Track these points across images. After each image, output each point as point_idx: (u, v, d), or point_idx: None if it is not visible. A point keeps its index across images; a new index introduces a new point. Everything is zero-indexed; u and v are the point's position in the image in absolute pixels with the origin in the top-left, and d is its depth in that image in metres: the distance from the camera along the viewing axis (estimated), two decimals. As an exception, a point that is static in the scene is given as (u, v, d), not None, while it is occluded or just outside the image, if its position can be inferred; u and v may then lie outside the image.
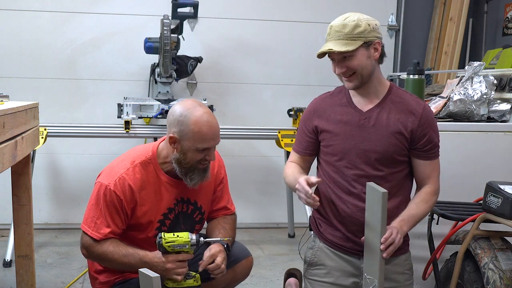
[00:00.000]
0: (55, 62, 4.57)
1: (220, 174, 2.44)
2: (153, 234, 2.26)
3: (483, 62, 3.08)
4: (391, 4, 5.01)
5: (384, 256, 1.99)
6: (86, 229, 2.20)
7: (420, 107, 2.16)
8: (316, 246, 2.28)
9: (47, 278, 3.50)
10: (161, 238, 2.12)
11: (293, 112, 4.39)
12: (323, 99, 2.29)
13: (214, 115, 4.05)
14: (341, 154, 2.18)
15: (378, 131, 2.15)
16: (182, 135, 2.14)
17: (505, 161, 2.81)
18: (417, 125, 2.14)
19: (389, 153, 2.15)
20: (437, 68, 4.99)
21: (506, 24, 4.86)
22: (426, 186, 2.20)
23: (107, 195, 2.16)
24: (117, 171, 2.20)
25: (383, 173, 2.15)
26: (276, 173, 4.81)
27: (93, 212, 2.19)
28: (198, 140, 2.13)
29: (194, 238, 2.12)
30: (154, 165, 2.25)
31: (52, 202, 4.68)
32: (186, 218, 2.34)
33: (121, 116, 3.96)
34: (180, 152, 2.17)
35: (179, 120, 2.14)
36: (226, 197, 2.48)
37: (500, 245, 2.31)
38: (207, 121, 2.14)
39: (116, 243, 2.19)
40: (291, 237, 4.55)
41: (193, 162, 2.18)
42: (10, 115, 2.01)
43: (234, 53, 4.82)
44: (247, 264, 2.42)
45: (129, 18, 4.63)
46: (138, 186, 2.19)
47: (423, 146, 2.16)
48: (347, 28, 2.08)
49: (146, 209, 2.23)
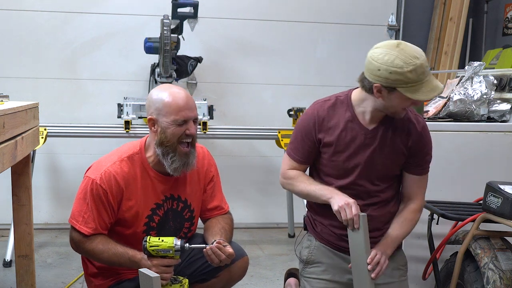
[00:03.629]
0: (55, 62, 4.57)
1: (210, 172, 2.43)
2: (141, 230, 2.26)
3: (483, 62, 3.08)
4: (391, 4, 5.00)
5: (373, 277, 2.06)
6: (74, 223, 2.22)
7: (420, 126, 2.19)
8: (313, 245, 2.29)
9: (47, 278, 3.50)
10: (146, 241, 2.11)
11: (293, 112, 4.39)
12: (326, 109, 2.20)
13: (214, 115, 4.12)
14: (342, 171, 2.18)
15: (382, 151, 2.16)
16: (158, 112, 2.17)
17: (505, 161, 2.81)
18: (416, 143, 2.18)
19: (390, 170, 2.19)
20: (437, 68, 4.99)
21: (506, 24, 4.86)
22: (411, 203, 2.24)
23: (93, 189, 2.18)
24: (104, 165, 2.22)
25: (380, 187, 2.20)
26: (276, 173, 4.75)
27: (80, 206, 2.21)
28: (174, 112, 2.14)
29: (178, 244, 2.10)
30: (142, 159, 2.26)
31: (52, 202, 4.68)
32: (176, 216, 2.33)
33: (121, 116, 3.96)
34: (161, 132, 2.17)
35: (154, 99, 2.19)
36: (219, 196, 2.47)
37: (500, 245, 2.31)
38: (179, 92, 2.18)
39: (105, 241, 2.20)
40: (291, 237, 4.54)
41: (174, 139, 2.17)
42: (10, 115, 2.01)
43: (234, 53, 4.82)
44: (243, 264, 2.40)
45: (129, 18, 4.62)
46: (124, 180, 2.20)
47: (417, 163, 2.21)
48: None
49: (132, 203, 2.23)
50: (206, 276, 2.34)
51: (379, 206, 2.21)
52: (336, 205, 2.06)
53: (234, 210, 2.71)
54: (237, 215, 2.57)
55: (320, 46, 4.93)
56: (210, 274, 2.34)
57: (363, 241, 2.05)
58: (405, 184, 2.26)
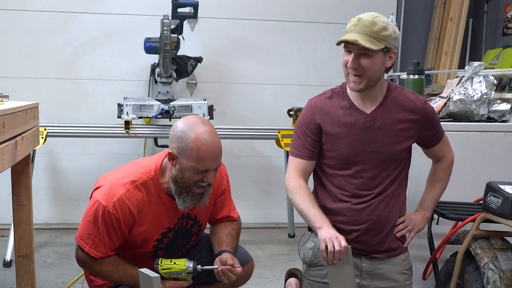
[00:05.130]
0: (55, 62, 4.57)
1: (222, 186, 2.36)
2: (149, 250, 2.24)
3: (483, 62, 3.07)
4: (391, 4, 5.01)
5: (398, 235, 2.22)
6: (83, 245, 2.15)
7: (421, 102, 2.21)
8: (317, 247, 2.27)
9: (47, 278, 3.50)
10: (158, 264, 2.11)
11: (293, 112, 4.39)
12: (322, 100, 2.22)
13: (214, 115, 4.12)
14: (346, 159, 2.16)
15: (385, 131, 2.15)
16: (180, 152, 2.05)
17: (505, 161, 2.81)
18: (422, 116, 2.19)
19: (396, 152, 2.17)
20: (437, 68, 4.99)
21: (506, 24, 4.86)
22: (441, 163, 2.36)
23: (105, 215, 2.09)
24: (117, 192, 2.11)
25: (390, 172, 2.18)
26: (276, 173, 4.81)
27: (90, 229, 2.13)
28: (196, 160, 2.03)
29: (191, 266, 2.10)
30: (156, 185, 2.16)
31: (52, 202, 4.68)
32: (184, 232, 2.31)
33: (121, 116, 3.96)
34: (178, 170, 2.07)
35: (179, 136, 2.05)
36: (228, 206, 2.42)
37: (500, 245, 2.31)
38: (207, 140, 2.03)
39: (114, 262, 2.16)
40: (291, 237, 4.54)
41: (190, 182, 2.08)
42: (10, 115, 2.01)
43: (234, 53, 4.82)
44: (249, 269, 2.40)
45: (129, 18, 4.62)
46: (137, 208, 2.13)
47: (430, 138, 2.27)
48: (376, 26, 2.02)
49: (144, 229, 2.18)
50: (210, 279, 2.30)
51: (385, 197, 2.18)
52: (323, 236, 2.00)
53: (234, 210, 2.71)
54: (237, 215, 2.57)
55: (320, 46, 4.93)
56: (214, 277, 2.29)
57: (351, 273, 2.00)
58: (430, 155, 2.36)
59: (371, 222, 2.16)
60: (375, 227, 2.17)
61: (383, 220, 2.18)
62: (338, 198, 2.19)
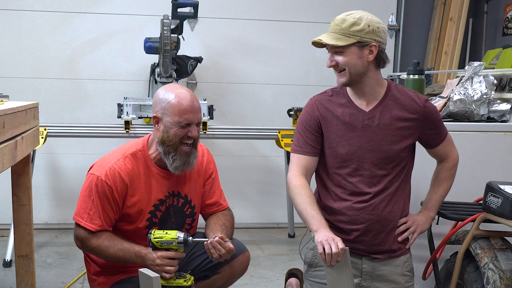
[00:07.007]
0: (55, 62, 4.57)
1: (209, 169, 2.47)
2: (143, 225, 2.29)
3: (483, 62, 3.07)
4: (391, 4, 5.02)
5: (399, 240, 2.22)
6: (79, 220, 2.23)
7: (422, 101, 2.21)
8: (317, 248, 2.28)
9: (47, 278, 3.50)
10: (151, 233, 2.15)
11: (293, 112, 4.39)
12: (323, 98, 2.26)
13: (214, 115, 4.12)
14: (344, 156, 2.17)
15: (383, 129, 2.16)
16: (163, 112, 2.21)
17: (505, 161, 2.81)
18: (423, 115, 2.19)
19: (395, 150, 2.17)
20: (437, 68, 4.99)
21: (506, 24, 4.86)
22: (445, 163, 2.35)
23: (98, 185, 2.20)
24: (108, 162, 2.25)
25: (389, 171, 2.18)
26: (276, 173, 4.81)
27: (85, 203, 2.22)
28: (178, 114, 2.18)
29: (181, 236, 2.14)
30: (145, 156, 2.29)
31: (52, 202, 4.68)
32: (177, 212, 2.36)
33: (121, 116, 3.96)
34: (163, 131, 2.21)
35: (161, 99, 2.23)
36: (217, 192, 2.50)
37: (500, 245, 2.31)
38: (186, 94, 2.22)
39: (111, 237, 2.23)
40: (291, 237, 4.54)
41: (176, 140, 2.21)
42: (10, 115, 2.01)
43: (234, 53, 4.82)
44: (244, 259, 2.42)
45: (129, 18, 4.63)
46: (128, 176, 2.24)
47: (432, 137, 2.26)
48: (344, 24, 2.10)
49: (136, 199, 2.26)
50: (208, 272, 2.36)
51: (386, 197, 2.17)
52: (319, 238, 2.00)
53: (234, 210, 2.71)
54: (237, 215, 2.57)
55: (320, 46, 4.92)
56: (211, 270, 2.36)
57: (349, 274, 1.99)
58: (433, 155, 2.35)
59: (371, 222, 2.16)
60: (375, 227, 2.17)
61: (384, 220, 2.18)
62: (338, 197, 2.19)
